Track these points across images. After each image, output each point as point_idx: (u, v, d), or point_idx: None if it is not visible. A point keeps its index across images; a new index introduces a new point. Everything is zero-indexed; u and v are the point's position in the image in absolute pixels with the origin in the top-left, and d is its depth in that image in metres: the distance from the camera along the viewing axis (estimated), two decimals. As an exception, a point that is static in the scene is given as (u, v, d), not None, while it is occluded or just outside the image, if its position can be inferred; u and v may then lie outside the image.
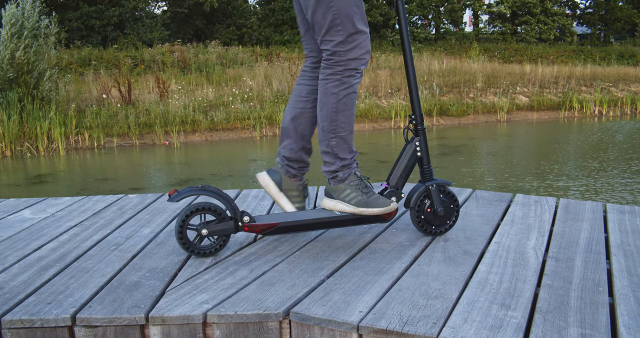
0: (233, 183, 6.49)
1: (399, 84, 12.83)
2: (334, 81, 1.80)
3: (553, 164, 7.31)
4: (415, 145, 1.89)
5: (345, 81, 1.80)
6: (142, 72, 13.76)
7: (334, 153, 1.86)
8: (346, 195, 1.86)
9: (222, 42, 18.80)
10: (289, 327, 1.43)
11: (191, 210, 1.76)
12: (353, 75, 1.81)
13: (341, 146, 1.86)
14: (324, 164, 1.90)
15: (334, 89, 1.81)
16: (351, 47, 1.77)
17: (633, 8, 24.54)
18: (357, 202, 1.85)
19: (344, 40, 1.76)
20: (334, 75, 1.80)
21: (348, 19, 1.74)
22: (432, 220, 1.93)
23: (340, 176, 1.88)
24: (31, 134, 9.05)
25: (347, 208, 1.85)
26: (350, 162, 1.88)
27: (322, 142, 1.87)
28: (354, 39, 1.76)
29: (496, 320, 1.35)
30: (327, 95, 1.82)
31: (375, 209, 1.84)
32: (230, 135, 10.24)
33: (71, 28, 17.96)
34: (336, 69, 1.79)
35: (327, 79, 1.82)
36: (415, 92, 1.89)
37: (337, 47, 1.77)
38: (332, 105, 1.82)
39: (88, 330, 1.43)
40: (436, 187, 1.91)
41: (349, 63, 1.79)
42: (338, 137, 1.85)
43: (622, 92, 14.34)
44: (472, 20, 25.53)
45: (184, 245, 1.77)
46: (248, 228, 1.81)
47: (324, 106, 1.84)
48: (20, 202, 2.60)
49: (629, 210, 2.24)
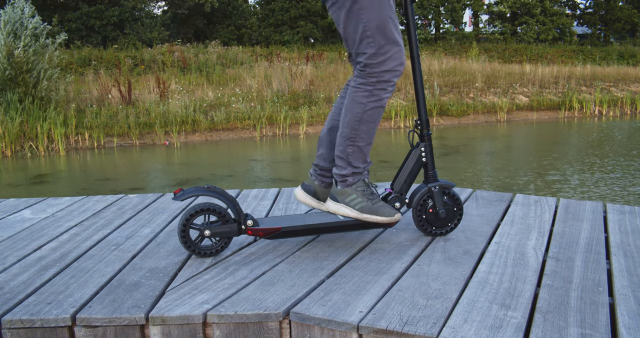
0: (233, 184, 6.49)
1: (399, 84, 12.83)
2: (364, 91, 1.79)
3: (553, 164, 7.31)
4: (420, 150, 1.89)
5: (375, 93, 1.79)
6: (142, 72, 13.76)
7: (347, 160, 1.85)
8: (351, 200, 1.85)
9: (222, 42, 18.79)
10: (289, 327, 1.43)
11: (196, 210, 1.76)
12: (385, 89, 1.79)
13: (356, 155, 1.85)
14: (336, 166, 1.90)
15: (362, 98, 1.80)
16: (383, 59, 1.75)
17: (633, 8, 24.54)
18: (361, 207, 1.84)
19: (376, 53, 1.74)
20: (365, 85, 1.79)
21: (379, 30, 1.72)
22: (433, 221, 1.93)
23: (349, 181, 1.87)
24: (31, 134, 9.04)
25: (351, 213, 1.85)
26: (362, 170, 1.88)
27: (339, 147, 1.86)
28: (386, 50, 1.74)
29: (496, 320, 1.35)
30: (354, 103, 1.81)
31: (378, 217, 1.83)
32: (230, 135, 10.24)
33: (71, 28, 17.96)
34: (369, 80, 1.78)
35: (357, 87, 1.81)
36: (422, 98, 1.88)
37: (369, 60, 1.75)
38: (357, 114, 1.81)
39: (88, 330, 1.43)
40: (439, 189, 1.90)
41: (382, 75, 1.77)
42: (356, 146, 1.84)
43: (622, 92, 14.34)
44: (472, 20, 25.53)
45: (185, 244, 1.77)
46: (251, 232, 1.81)
47: (349, 113, 1.83)
48: (20, 202, 2.60)
49: (629, 210, 2.24)
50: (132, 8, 19.03)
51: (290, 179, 6.68)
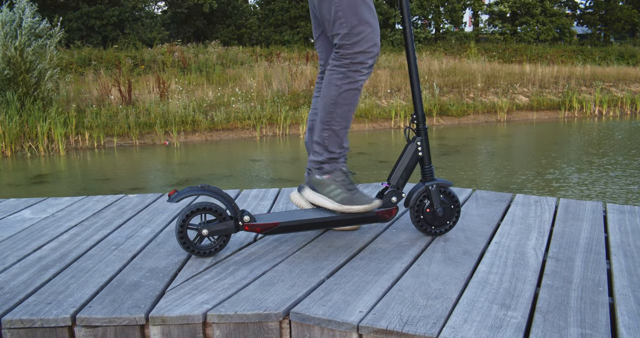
0: (233, 184, 6.49)
1: (399, 84, 12.83)
2: (339, 73, 1.79)
3: (553, 164, 7.31)
4: (417, 144, 1.89)
5: (350, 75, 1.78)
6: (142, 72, 13.76)
7: (324, 145, 1.86)
8: (330, 191, 1.85)
9: (222, 42, 18.80)
10: (289, 327, 1.43)
11: (192, 210, 1.76)
12: (359, 71, 1.78)
13: (332, 139, 1.85)
14: (313, 153, 1.90)
15: (337, 81, 1.79)
16: (357, 40, 1.74)
17: (633, 8, 24.54)
18: (341, 199, 1.84)
19: (349, 33, 1.73)
20: (339, 67, 1.78)
21: (351, 10, 1.72)
22: (431, 220, 1.93)
23: (325, 168, 1.88)
24: (31, 134, 9.05)
25: (330, 205, 1.85)
26: (338, 156, 1.88)
27: (317, 132, 1.87)
28: (359, 31, 1.73)
29: (496, 320, 1.35)
30: (329, 86, 1.81)
31: (359, 206, 1.83)
32: (230, 135, 10.24)
33: (71, 28, 17.96)
34: (343, 61, 1.77)
35: (332, 70, 1.80)
36: (417, 92, 1.88)
37: (342, 40, 1.75)
38: (332, 97, 1.81)
39: (88, 330, 1.43)
40: (436, 188, 1.90)
41: (356, 56, 1.76)
42: (331, 129, 1.84)
43: (622, 92, 14.34)
44: (472, 20, 25.53)
45: (184, 244, 1.77)
46: (249, 227, 1.81)
47: (325, 97, 1.83)
48: (20, 202, 2.60)
49: (629, 210, 2.24)
50: (132, 8, 19.04)
51: (290, 179, 6.68)
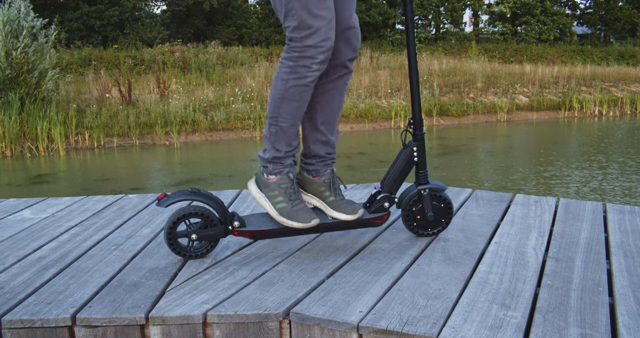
0: (233, 184, 6.49)
1: (399, 84, 12.84)
2: (287, 67, 1.71)
3: (553, 164, 7.31)
4: (412, 150, 1.84)
5: (297, 70, 1.69)
6: (143, 72, 13.76)
7: (270, 141, 1.79)
8: (273, 196, 1.79)
9: (222, 42, 18.80)
10: (289, 327, 1.43)
11: (178, 217, 1.72)
12: (308, 67, 1.68)
13: (279, 136, 1.77)
14: (262, 149, 1.84)
15: (284, 75, 1.71)
16: (307, 33, 1.65)
17: (633, 8, 24.54)
18: (280, 208, 1.78)
19: (299, 26, 1.65)
20: (288, 60, 1.70)
21: (301, 2, 1.64)
22: (424, 225, 1.91)
23: (270, 168, 1.81)
24: (31, 134, 9.05)
25: (269, 210, 1.80)
26: (284, 155, 1.79)
27: (266, 126, 1.81)
28: (310, 25, 1.64)
29: (496, 320, 1.35)
30: (277, 80, 1.74)
31: (294, 223, 1.75)
32: (230, 135, 10.24)
33: (71, 28, 17.96)
34: (292, 54, 1.69)
35: (281, 63, 1.73)
36: (417, 97, 1.83)
37: (293, 33, 1.67)
38: (279, 91, 1.73)
39: (88, 330, 1.43)
40: (428, 192, 1.87)
41: (305, 50, 1.67)
42: (278, 126, 1.76)
43: (622, 92, 14.34)
44: (472, 20, 25.53)
45: (174, 250, 1.75)
46: (238, 233, 1.78)
47: (273, 91, 1.76)
48: (20, 202, 2.60)
49: (629, 210, 2.24)
50: (132, 8, 19.04)
51: (290, 179, 6.67)
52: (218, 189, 2.71)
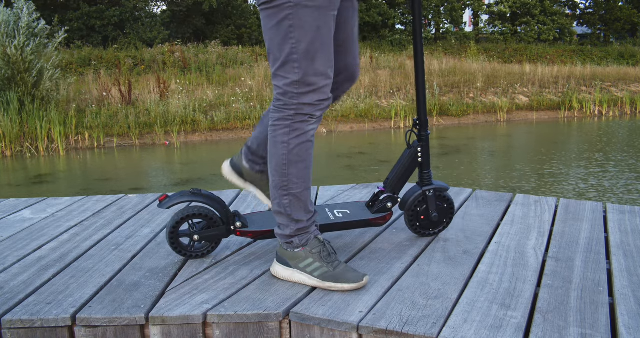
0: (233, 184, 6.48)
1: (399, 84, 12.84)
2: (283, 128, 1.51)
3: (553, 164, 7.31)
4: (417, 150, 1.84)
5: (296, 127, 1.50)
6: (143, 72, 13.76)
7: (287, 213, 1.57)
8: (307, 265, 1.56)
9: (222, 42, 18.80)
10: (289, 327, 1.43)
11: (181, 217, 1.72)
12: (306, 121, 1.51)
13: (295, 206, 1.56)
14: (278, 225, 1.62)
15: (283, 137, 1.52)
16: (307, 90, 1.47)
17: (633, 8, 24.53)
18: (322, 274, 1.54)
19: (299, 81, 1.46)
20: (283, 120, 1.51)
21: (307, 57, 1.44)
22: (427, 225, 1.91)
23: (296, 242, 1.58)
24: (31, 134, 9.05)
25: (309, 281, 1.56)
26: (308, 224, 1.58)
27: (274, 201, 1.58)
28: (312, 82, 1.46)
29: (496, 320, 1.35)
30: (276, 145, 1.53)
31: (346, 285, 1.52)
32: (230, 135, 10.24)
33: (72, 28, 17.95)
34: (286, 113, 1.50)
35: (275, 125, 1.53)
36: (422, 97, 1.81)
37: (289, 87, 1.47)
38: (282, 156, 1.53)
39: (88, 330, 1.43)
40: (433, 193, 1.87)
41: (301, 108, 1.49)
42: (291, 194, 1.55)
43: (622, 92, 14.34)
44: (472, 20, 25.53)
45: (176, 249, 1.75)
46: (240, 233, 1.78)
47: (273, 158, 1.55)
48: (20, 202, 2.60)
49: (629, 210, 2.24)
50: (132, 8, 19.04)
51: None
52: (218, 189, 2.71)
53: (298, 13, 1.42)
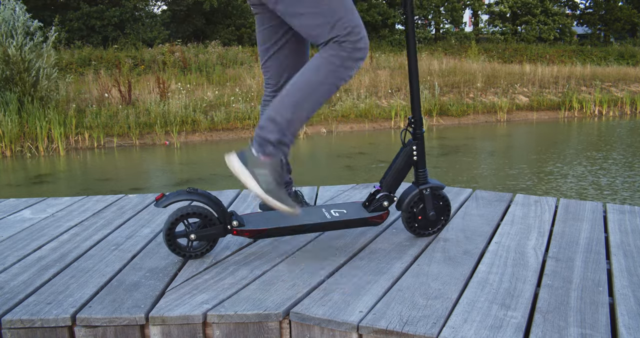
0: (233, 184, 6.49)
1: (399, 84, 12.83)
2: (330, 64, 1.65)
3: (553, 164, 7.31)
4: (412, 149, 1.84)
5: (339, 71, 1.66)
6: (142, 72, 13.76)
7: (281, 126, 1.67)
8: (261, 174, 1.66)
9: (222, 42, 18.80)
10: (289, 327, 1.43)
11: (176, 217, 1.72)
12: (350, 68, 1.67)
13: (294, 125, 1.68)
14: (261, 128, 1.70)
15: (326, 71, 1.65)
16: (358, 37, 1.65)
17: (633, 8, 24.53)
18: (268, 187, 1.65)
19: (352, 32, 1.64)
20: (334, 57, 1.64)
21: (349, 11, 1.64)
22: (425, 225, 1.91)
23: (269, 150, 1.67)
24: (31, 134, 9.05)
25: (255, 188, 1.66)
26: (289, 142, 1.70)
27: (278, 110, 1.67)
28: (359, 31, 1.65)
29: (496, 320, 1.35)
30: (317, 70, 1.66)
31: (281, 205, 1.65)
32: (230, 135, 10.24)
33: (72, 28, 17.96)
34: (340, 53, 1.64)
35: (325, 58, 1.65)
36: (416, 95, 1.83)
37: (345, 37, 1.64)
38: (314, 83, 1.66)
39: (88, 330, 1.43)
40: (430, 192, 1.87)
41: (355, 52, 1.65)
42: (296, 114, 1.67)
43: (622, 92, 14.34)
44: (472, 20, 25.52)
45: (174, 250, 1.75)
46: (237, 232, 1.78)
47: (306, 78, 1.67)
48: (20, 202, 2.60)
49: (629, 210, 2.24)
50: (132, 8, 19.04)
51: (290, 179, 6.67)
52: (218, 189, 2.71)
53: None
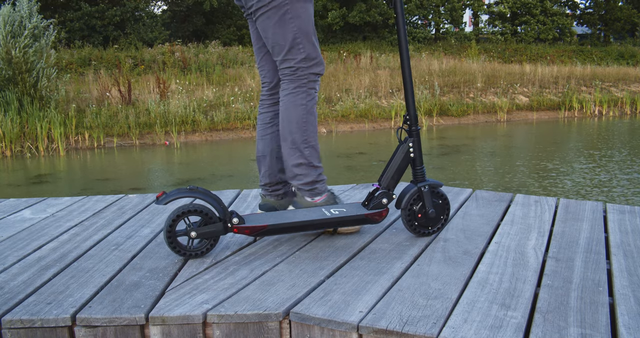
0: (233, 184, 6.49)
1: (399, 84, 12.83)
2: (301, 93, 1.90)
3: (553, 164, 7.31)
4: (408, 146, 1.85)
5: (309, 93, 1.91)
6: (143, 72, 13.76)
7: (308, 163, 1.92)
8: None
9: (223, 42, 18.80)
10: (289, 327, 1.43)
11: (177, 214, 1.73)
12: (314, 88, 1.93)
13: (314, 155, 1.93)
14: (295, 177, 1.94)
15: (302, 100, 1.90)
16: (312, 63, 1.89)
17: (633, 8, 24.53)
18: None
19: (306, 58, 1.88)
20: (299, 87, 1.90)
21: (307, 38, 1.87)
22: (425, 223, 1.91)
23: (319, 188, 1.94)
24: (31, 134, 9.05)
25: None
26: (322, 171, 1.96)
27: (293, 155, 1.92)
28: (314, 56, 1.89)
29: (496, 320, 1.35)
30: (295, 108, 1.90)
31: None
32: (230, 135, 10.24)
33: (72, 28, 17.95)
34: (301, 81, 1.90)
35: (293, 92, 1.90)
36: (410, 92, 1.85)
37: (300, 64, 1.89)
38: (302, 116, 1.90)
39: (88, 330, 1.43)
40: (429, 189, 1.87)
41: (311, 76, 1.91)
42: (311, 146, 1.93)
43: (622, 92, 14.34)
44: (472, 20, 25.52)
45: (174, 248, 1.75)
46: (237, 230, 1.78)
47: (292, 119, 1.91)
48: (20, 202, 2.60)
49: (629, 210, 2.24)
50: (133, 8, 19.03)
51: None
52: (218, 189, 2.71)
53: (294, 6, 1.83)
